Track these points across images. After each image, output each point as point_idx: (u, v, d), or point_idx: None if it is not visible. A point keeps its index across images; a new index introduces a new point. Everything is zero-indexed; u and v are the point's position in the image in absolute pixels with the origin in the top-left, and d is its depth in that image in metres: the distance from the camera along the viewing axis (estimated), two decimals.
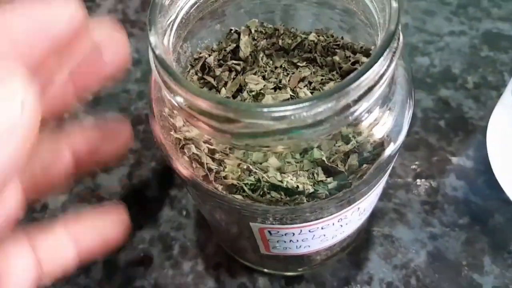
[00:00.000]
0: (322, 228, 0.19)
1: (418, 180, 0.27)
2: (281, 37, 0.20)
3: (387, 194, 0.27)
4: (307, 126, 0.13)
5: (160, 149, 0.17)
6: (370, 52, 0.19)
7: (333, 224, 0.19)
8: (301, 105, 0.13)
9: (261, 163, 0.16)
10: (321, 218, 0.18)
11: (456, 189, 0.27)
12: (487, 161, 0.27)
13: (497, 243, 0.25)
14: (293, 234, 0.19)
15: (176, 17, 0.17)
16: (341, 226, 0.19)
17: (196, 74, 0.20)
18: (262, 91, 0.19)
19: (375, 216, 0.26)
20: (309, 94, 0.19)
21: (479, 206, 0.27)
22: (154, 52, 0.14)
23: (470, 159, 0.28)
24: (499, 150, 0.27)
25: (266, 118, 0.13)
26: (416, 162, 0.28)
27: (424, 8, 0.34)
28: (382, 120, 0.16)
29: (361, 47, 0.20)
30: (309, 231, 0.19)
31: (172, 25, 0.17)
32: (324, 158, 0.16)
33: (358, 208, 0.19)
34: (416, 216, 0.26)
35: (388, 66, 0.14)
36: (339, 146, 0.16)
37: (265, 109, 0.13)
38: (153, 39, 0.15)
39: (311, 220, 0.18)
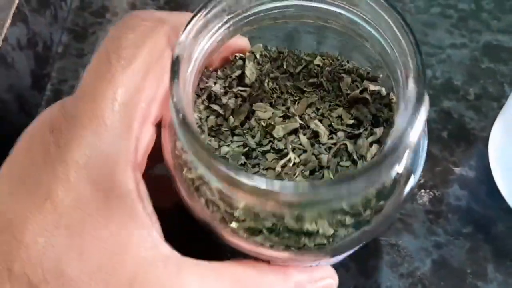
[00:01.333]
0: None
1: (422, 190, 0.28)
2: (285, 60, 0.21)
3: None
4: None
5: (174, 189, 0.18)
6: (378, 79, 0.20)
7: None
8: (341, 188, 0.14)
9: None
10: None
11: (460, 198, 0.28)
12: (489, 171, 0.28)
13: (499, 251, 0.26)
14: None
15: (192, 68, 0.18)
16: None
17: (203, 103, 0.20)
18: (271, 122, 0.19)
19: None
20: (319, 124, 0.19)
21: (482, 215, 0.27)
22: (185, 125, 0.15)
23: (473, 169, 0.29)
24: (500, 160, 0.27)
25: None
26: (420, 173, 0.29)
27: (425, 21, 0.35)
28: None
29: (368, 73, 0.20)
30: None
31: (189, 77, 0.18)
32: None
33: None
34: (421, 226, 0.27)
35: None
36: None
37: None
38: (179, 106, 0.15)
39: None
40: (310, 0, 0.18)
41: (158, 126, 0.19)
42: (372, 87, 0.20)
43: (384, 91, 0.20)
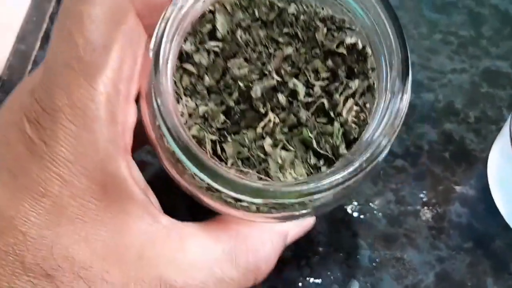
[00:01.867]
0: None
1: (425, 208, 0.30)
2: (257, 6, 0.20)
3: (398, 221, 0.30)
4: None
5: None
6: (354, 28, 0.20)
7: None
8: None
9: None
10: None
11: (460, 215, 0.30)
12: (488, 190, 0.30)
13: (498, 265, 0.28)
14: None
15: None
16: None
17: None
18: (248, 82, 0.19)
19: (387, 240, 0.29)
20: (297, 83, 0.20)
21: (481, 231, 0.29)
22: (174, 139, 0.17)
23: (473, 188, 0.31)
24: (498, 180, 0.29)
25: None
26: (424, 191, 0.31)
27: (428, 46, 0.37)
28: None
29: (343, 21, 0.20)
30: None
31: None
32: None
33: None
34: (424, 241, 0.29)
35: None
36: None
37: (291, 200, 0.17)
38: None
39: None
40: None
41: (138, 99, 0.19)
42: (348, 39, 0.20)
43: (360, 44, 0.20)
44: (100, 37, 0.17)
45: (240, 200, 0.18)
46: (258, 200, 0.18)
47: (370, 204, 0.30)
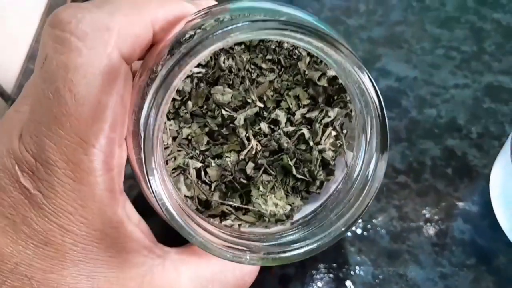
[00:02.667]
0: None
1: (428, 224, 0.31)
2: None
3: (401, 237, 0.30)
4: None
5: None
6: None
7: None
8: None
9: None
10: None
11: (463, 232, 0.30)
12: (490, 206, 0.30)
13: (501, 281, 0.28)
14: None
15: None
16: None
17: None
18: (231, 111, 0.20)
19: (390, 257, 0.29)
20: (279, 113, 0.20)
21: (484, 248, 0.30)
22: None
23: (475, 204, 0.31)
24: (500, 196, 0.30)
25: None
26: (426, 207, 0.31)
27: (430, 62, 0.38)
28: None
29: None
30: None
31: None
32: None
33: None
34: (427, 257, 0.29)
35: None
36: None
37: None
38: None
39: None
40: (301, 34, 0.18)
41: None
42: (330, 72, 0.20)
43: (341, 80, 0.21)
44: (89, 92, 0.17)
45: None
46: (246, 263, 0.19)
47: (373, 220, 0.30)
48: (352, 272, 0.29)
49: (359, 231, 0.30)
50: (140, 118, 0.17)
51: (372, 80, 0.19)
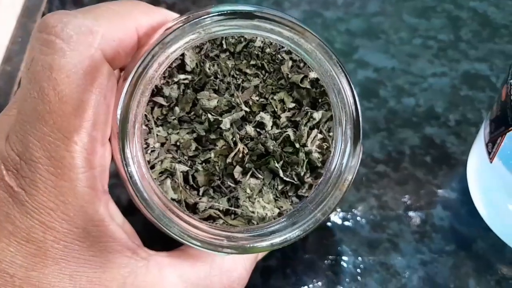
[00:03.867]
0: None
1: (408, 212, 0.31)
2: (224, 38, 0.21)
3: (381, 226, 0.30)
4: None
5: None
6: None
7: None
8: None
9: None
10: None
11: (443, 219, 0.30)
12: (468, 192, 0.31)
13: (480, 267, 0.29)
14: None
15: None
16: None
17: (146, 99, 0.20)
18: (217, 115, 0.21)
19: (371, 246, 0.30)
20: (264, 116, 0.21)
21: (463, 234, 0.30)
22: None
23: (454, 191, 0.31)
24: (477, 182, 0.30)
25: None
26: (406, 196, 0.31)
27: (408, 51, 0.38)
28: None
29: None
30: None
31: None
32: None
33: None
34: (407, 245, 0.30)
35: None
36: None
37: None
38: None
39: None
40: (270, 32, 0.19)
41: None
42: (312, 74, 0.21)
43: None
44: (72, 90, 0.18)
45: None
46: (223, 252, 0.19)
47: (353, 210, 0.31)
48: (333, 263, 0.29)
49: (339, 221, 0.30)
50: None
51: (344, 68, 0.19)
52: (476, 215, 0.30)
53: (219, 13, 0.18)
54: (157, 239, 0.22)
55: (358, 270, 0.29)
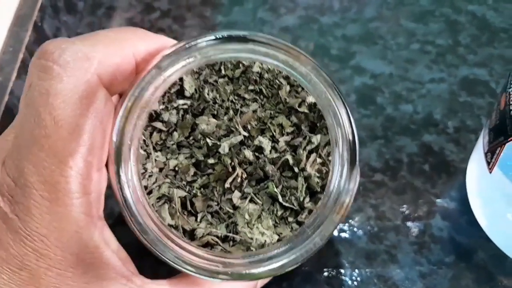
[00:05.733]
0: None
1: (406, 222, 0.30)
2: (223, 64, 0.22)
3: (379, 237, 0.30)
4: None
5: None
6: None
7: None
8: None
9: None
10: None
11: (442, 229, 0.30)
12: (468, 202, 0.30)
13: (481, 278, 0.28)
14: None
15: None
16: None
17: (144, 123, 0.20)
18: (215, 140, 0.21)
19: (368, 258, 0.29)
20: (263, 140, 0.21)
21: (463, 244, 0.29)
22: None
23: (453, 200, 0.31)
24: (476, 191, 0.29)
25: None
26: (404, 205, 0.31)
27: (406, 57, 0.37)
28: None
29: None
30: None
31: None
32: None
33: None
34: (405, 256, 0.29)
35: None
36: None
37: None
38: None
39: None
40: (267, 57, 0.19)
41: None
42: (309, 98, 0.21)
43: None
44: (68, 115, 0.18)
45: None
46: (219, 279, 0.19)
47: (350, 221, 0.30)
48: (330, 275, 0.28)
49: (336, 232, 0.30)
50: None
51: (338, 90, 0.19)
52: (476, 225, 0.29)
53: (215, 37, 0.18)
54: (154, 268, 0.21)
55: (356, 283, 0.28)
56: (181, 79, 0.21)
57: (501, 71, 0.36)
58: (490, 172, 0.26)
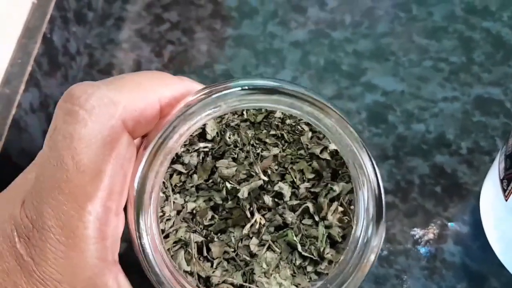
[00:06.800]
0: None
1: (417, 246, 0.29)
2: (246, 110, 0.22)
3: (388, 261, 0.29)
4: None
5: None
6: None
7: None
8: None
9: None
10: None
11: (454, 254, 0.29)
12: (481, 226, 0.29)
13: None
14: None
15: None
16: None
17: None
18: (235, 183, 0.20)
19: (377, 282, 0.28)
20: (283, 186, 0.20)
21: (475, 270, 0.28)
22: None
23: (466, 224, 0.30)
24: (491, 215, 0.28)
25: None
26: (415, 228, 0.30)
27: (418, 75, 0.36)
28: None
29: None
30: None
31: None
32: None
33: None
34: (416, 282, 0.28)
35: None
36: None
37: None
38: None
39: None
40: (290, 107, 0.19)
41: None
42: (331, 146, 0.21)
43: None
44: (90, 160, 0.18)
45: None
46: None
47: None
48: None
49: None
50: None
51: (364, 144, 0.19)
52: (489, 250, 0.28)
53: (241, 88, 0.18)
54: None
55: None
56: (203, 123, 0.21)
57: None
58: (506, 200, 0.25)
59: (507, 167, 0.25)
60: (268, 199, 0.20)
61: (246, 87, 0.18)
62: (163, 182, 0.20)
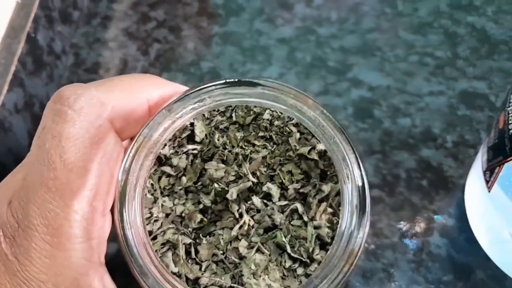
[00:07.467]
0: None
1: (403, 240, 0.30)
2: (234, 111, 0.22)
3: (376, 254, 0.29)
4: None
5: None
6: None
7: None
8: None
9: None
10: None
11: (440, 247, 0.29)
12: (466, 218, 0.29)
13: None
14: None
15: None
16: None
17: (153, 167, 0.20)
18: (224, 185, 0.20)
19: (364, 276, 0.28)
20: (271, 186, 0.21)
21: (461, 263, 0.28)
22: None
23: (452, 217, 0.30)
24: (475, 209, 0.29)
25: None
26: (401, 222, 0.30)
27: (404, 70, 0.37)
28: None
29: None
30: None
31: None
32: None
33: None
34: (403, 274, 0.28)
35: None
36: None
37: None
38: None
39: None
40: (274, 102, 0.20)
41: None
42: (319, 146, 0.21)
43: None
44: (78, 158, 0.18)
45: None
46: None
47: None
48: None
49: None
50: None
51: (347, 135, 0.19)
52: (474, 242, 0.29)
53: (225, 81, 0.19)
54: None
55: None
56: (192, 124, 0.21)
57: (501, 84, 0.35)
58: (489, 191, 0.25)
59: (490, 158, 0.25)
60: (257, 200, 0.20)
61: (230, 80, 0.18)
62: (152, 184, 0.20)
